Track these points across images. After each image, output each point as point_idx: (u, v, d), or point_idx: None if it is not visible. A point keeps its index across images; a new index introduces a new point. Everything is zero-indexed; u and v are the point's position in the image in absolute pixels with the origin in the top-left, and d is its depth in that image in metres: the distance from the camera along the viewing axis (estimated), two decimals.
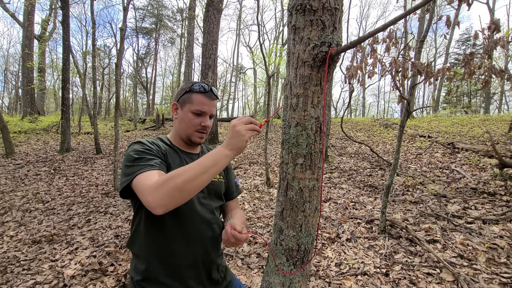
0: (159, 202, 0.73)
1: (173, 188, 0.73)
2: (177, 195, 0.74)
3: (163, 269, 0.93)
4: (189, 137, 1.02)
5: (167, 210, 0.75)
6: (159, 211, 0.74)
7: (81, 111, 13.37)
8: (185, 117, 1.00)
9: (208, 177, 0.78)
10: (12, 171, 6.55)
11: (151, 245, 0.94)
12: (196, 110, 0.99)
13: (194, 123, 1.00)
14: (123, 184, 0.84)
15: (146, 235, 0.94)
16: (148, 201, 0.75)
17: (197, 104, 0.99)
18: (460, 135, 7.75)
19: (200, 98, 0.99)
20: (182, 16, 21.12)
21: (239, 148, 0.81)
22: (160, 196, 0.73)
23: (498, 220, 3.03)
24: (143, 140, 0.96)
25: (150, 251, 0.94)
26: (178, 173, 0.76)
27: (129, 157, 0.88)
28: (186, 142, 1.05)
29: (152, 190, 0.75)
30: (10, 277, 2.47)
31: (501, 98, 18.79)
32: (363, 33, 20.03)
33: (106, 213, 4.13)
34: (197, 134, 1.02)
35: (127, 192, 0.86)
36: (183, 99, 1.01)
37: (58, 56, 24.86)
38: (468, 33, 20.88)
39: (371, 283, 2.19)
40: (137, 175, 0.81)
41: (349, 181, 5.21)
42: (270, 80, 5.73)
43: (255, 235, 3.09)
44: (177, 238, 0.94)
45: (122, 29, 5.64)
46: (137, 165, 0.84)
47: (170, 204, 0.74)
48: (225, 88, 29.19)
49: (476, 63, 2.21)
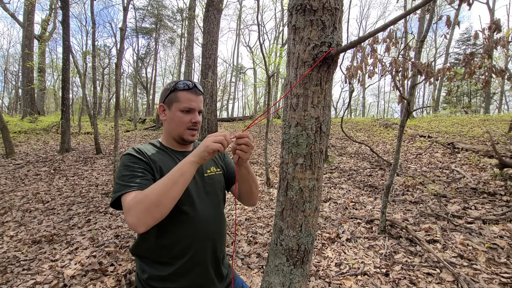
0: (138, 221, 0.76)
1: (149, 205, 0.76)
2: (154, 210, 0.77)
3: (172, 268, 0.94)
4: (181, 136, 1.02)
5: (148, 228, 0.78)
6: (141, 229, 0.77)
7: (81, 111, 13.37)
8: (174, 116, 1.00)
9: (180, 186, 0.81)
10: (12, 171, 6.55)
11: (160, 248, 0.94)
12: (184, 108, 0.99)
13: (185, 121, 1.00)
14: (112, 200, 0.87)
15: (155, 240, 0.94)
16: (129, 221, 0.78)
17: (184, 101, 0.99)
18: (460, 135, 7.75)
19: (187, 95, 0.99)
20: (182, 16, 21.10)
21: (202, 158, 0.83)
22: (137, 215, 0.76)
23: (498, 220, 3.03)
24: (132, 151, 0.95)
25: (158, 254, 0.95)
26: (150, 190, 0.79)
27: (119, 172, 0.91)
28: (178, 142, 1.05)
29: (129, 211, 0.78)
30: (10, 277, 2.47)
31: (501, 98, 18.78)
32: (363, 33, 20.03)
33: (106, 213, 4.13)
34: (189, 132, 1.02)
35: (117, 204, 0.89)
36: (169, 99, 1.01)
37: (58, 56, 24.89)
38: (468, 33, 20.87)
39: (371, 283, 2.19)
40: (122, 195, 0.84)
41: (349, 181, 5.21)
42: (270, 80, 5.73)
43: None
44: (185, 238, 0.95)
45: (122, 29, 5.64)
46: (122, 184, 0.87)
47: (149, 221, 0.77)
48: (225, 88, 29.18)
49: (476, 63, 2.21)
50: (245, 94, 35.06)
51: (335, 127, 11.59)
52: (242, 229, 3.42)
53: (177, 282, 0.94)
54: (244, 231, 3.34)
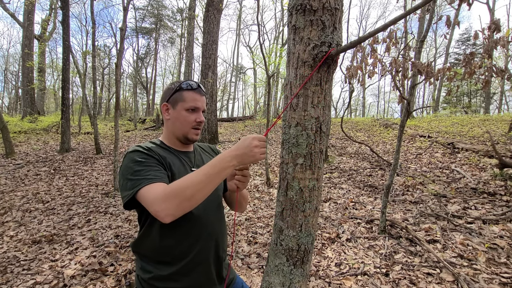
0: (168, 212, 0.77)
1: (183, 200, 0.77)
2: (185, 205, 0.78)
3: (174, 268, 0.94)
4: (186, 135, 1.03)
5: (175, 218, 0.79)
6: (168, 220, 0.78)
7: (81, 111, 13.36)
8: (180, 116, 1.00)
9: (214, 185, 0.82)
10: (12, 171, 6.55)
11: (164, 247, 0.94)
12: (190, 107, 1.00)
13: (190, 120, 1.01)
14: (128, 197, 0.84)
15: (159, 239, 0.94)
16: (157, 211, 0.77)
17: (190, 101, 1.00)
18: (460, 135, 7.75)
19: (192, 95, 1.01)
20: (182, 16, 21.12)
21: (244, 163, 0.85)
22: (169, 207, 0.77)
23: (498, 220, 3.03)
24: (140, 148, 0.93)
25: (161, 252, 0.95)
26: (185, 184, 0.79)
27: (129, 169, 0.87)
28: (182, 141, 1.05)
29: (161, 202, 0.77)
30: (10, 277, 2.47)
31: (501, 98, 18.78)
32: (363, 33, 20.04)
33: (106, 213, 4.13)
34: (193, 131, 1.03)
35: (131, 203, 0.87)
36: (173, 98, 1.01)
37: (58, 56, 24.91)
38: (468, 33, 20.86)
39: (371, 283, 2.19)
40: (141, 188, 0.82)
41: (349, 181, 5.21)
42: (270, 80, 5.73)
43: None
44: (189, 238, 0.96)
45: (122, 29, 5.63)
46: (138, 178, 0.84)
47: (178, 213, 0.78)
48: (225, 88, 29.17)
49: (476, 63, 2.21)
50: (245, 94, 35.09)
51: (335, 127, 11.59)
52: (242, 229, 3.42)
53: (179, 281, 0.94)
54: (244, 231, 3.34)
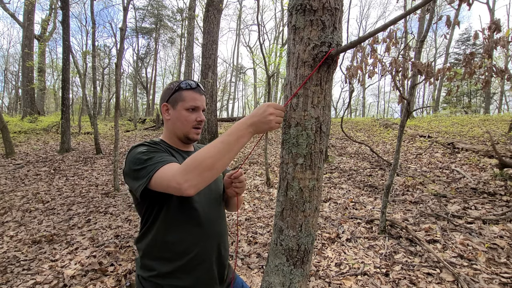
0: (191, 183, 0.76)
1: (204, 169, 0.77)
2: (207, 174, 0.78)
3: (176, 265, 0.94)
4: (187, 135, 1.03)
5: (198, 190, 0.78)
6: (192, 191, 0.77)
7: (81, 111, 13.37)
8: (180, 115, 1.01)
9: (234, 153, 0.81)
10: (12, 171, 6.55)
11: (168, 242, 0.94)
12: (190, 106, 1.01)
13: (190, 119, 1.01)
14: (144, 184, 0.83)
15: (163, 235, 0.94)
16: (180, 183, 0.76)
17: (190, 100, 1.00)
18: (460, 135, 7.75)
19: (192, 94, 1.01)
20: (182, 16, 21.11)
21: (260, 130, 0.84)
22: (192, 177, 0.76)
23: (498, 220, 3.03)
24: (145, 142, 0.96)
25: (164, 248, 0.95)
26: (204, 155, 0.78)
27: (137, 160, 0.87)
28: (182, 141, 1.06)
29: (182, 175, 0.77)
30: (10, 277, 2.47)
31: (501, 98, 18.78)
32: (363, 33, 20.04)
33: (106, 213, 4.13)
34: (194, 130, 1.03)
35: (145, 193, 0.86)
36: (173, 98, 1.02)
37: (58, 56, 24.91)
38: (468, 33, 20.87)
39: (371, 283, 2.19)
40: (156, 171, 0.82)
41: (349, 181, 5.21)
42: (270, 80, 5.73)
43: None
44: (193, 235, 0.96)
45: (122, 29, 5.64)
46: (151, 164, 0.85)
47: (201, 184, 0.78)
48: (225, 88, 29.18)
49: (476, 63, 2.21)
50: (245, 94, 35.10)
51: (335, 127, 11.59)
52: (242, 229, 3.42)
53: (181, 279, 0.94)
54: (244, 231, 3.34)
